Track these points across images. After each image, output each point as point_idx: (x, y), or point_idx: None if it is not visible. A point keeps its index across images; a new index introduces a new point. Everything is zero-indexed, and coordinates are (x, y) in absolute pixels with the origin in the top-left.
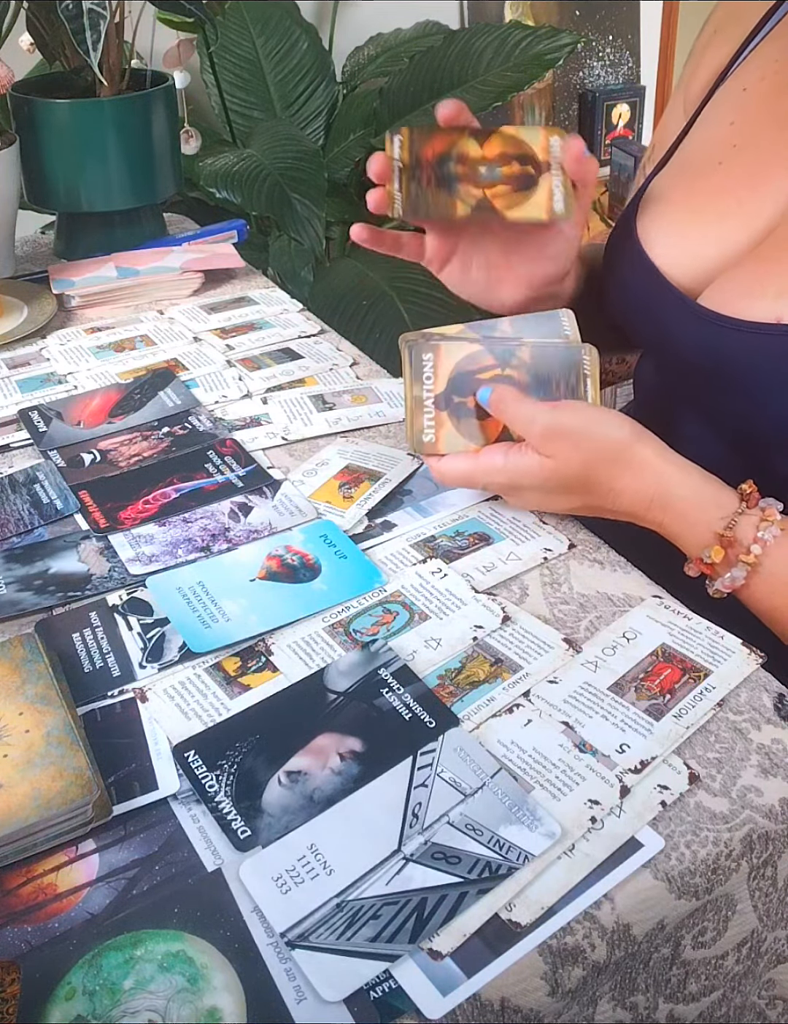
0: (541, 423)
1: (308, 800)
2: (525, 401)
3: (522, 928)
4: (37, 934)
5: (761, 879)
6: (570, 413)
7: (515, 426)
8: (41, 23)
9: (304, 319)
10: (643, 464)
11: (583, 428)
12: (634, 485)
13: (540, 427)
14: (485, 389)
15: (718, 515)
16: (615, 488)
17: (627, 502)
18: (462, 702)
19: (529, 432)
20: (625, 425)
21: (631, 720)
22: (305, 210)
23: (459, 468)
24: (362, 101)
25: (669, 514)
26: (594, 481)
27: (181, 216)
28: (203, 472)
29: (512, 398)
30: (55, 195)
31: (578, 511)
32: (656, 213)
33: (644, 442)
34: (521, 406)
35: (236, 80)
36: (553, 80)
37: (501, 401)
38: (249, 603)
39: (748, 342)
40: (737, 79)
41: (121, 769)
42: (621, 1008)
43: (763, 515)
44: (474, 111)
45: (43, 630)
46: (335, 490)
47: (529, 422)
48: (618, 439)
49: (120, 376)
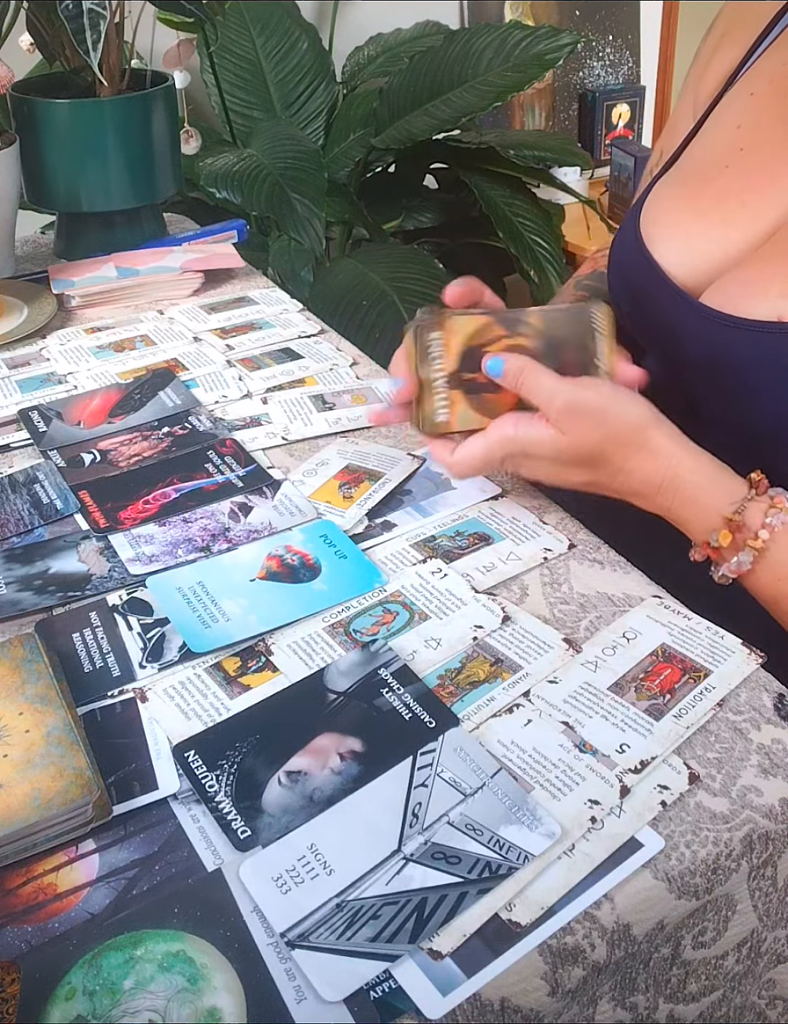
0: (562, 398)
1: (308, 800)
2: (545, 374)
3: (522, 928)
4: (37, 934)
5: (761, 879)
6: (592, 391)
7: (534, 399)
8: (41, 23)
9: (304, 319)
10: (657, 447)
11: (604, 407)
12: (646, 467)
13: (561, 402)
14: (496, 359)
15: (727, 500)
16: (625, 468)
17: (636, 482)
18: (462, 702)
19: (549, 406)
20: (643, 407)
21: (631, 720)
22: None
23: (472, 452)
24: (362, 101)
25: (678, 498)
26: (606, 459)
27: (181, 216)
28: (203, 472)
29: (530, 370)
30: (55, 195)
31: (586, 487)
32: (661, 214)
33: (660, 426)
34: (541, 379)
35: (236, 80)
36: (553, 80)
37: (520, 373)
38: (249, 603)
39: (749, 340)
40: (745, 83)
41: (121, 769)
42: (621, 1008)
43: (772, 502)
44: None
45: (43, 630)
46: (335, 490)
47: (550, 396)
48: (636, 421)
49: (120, 376)
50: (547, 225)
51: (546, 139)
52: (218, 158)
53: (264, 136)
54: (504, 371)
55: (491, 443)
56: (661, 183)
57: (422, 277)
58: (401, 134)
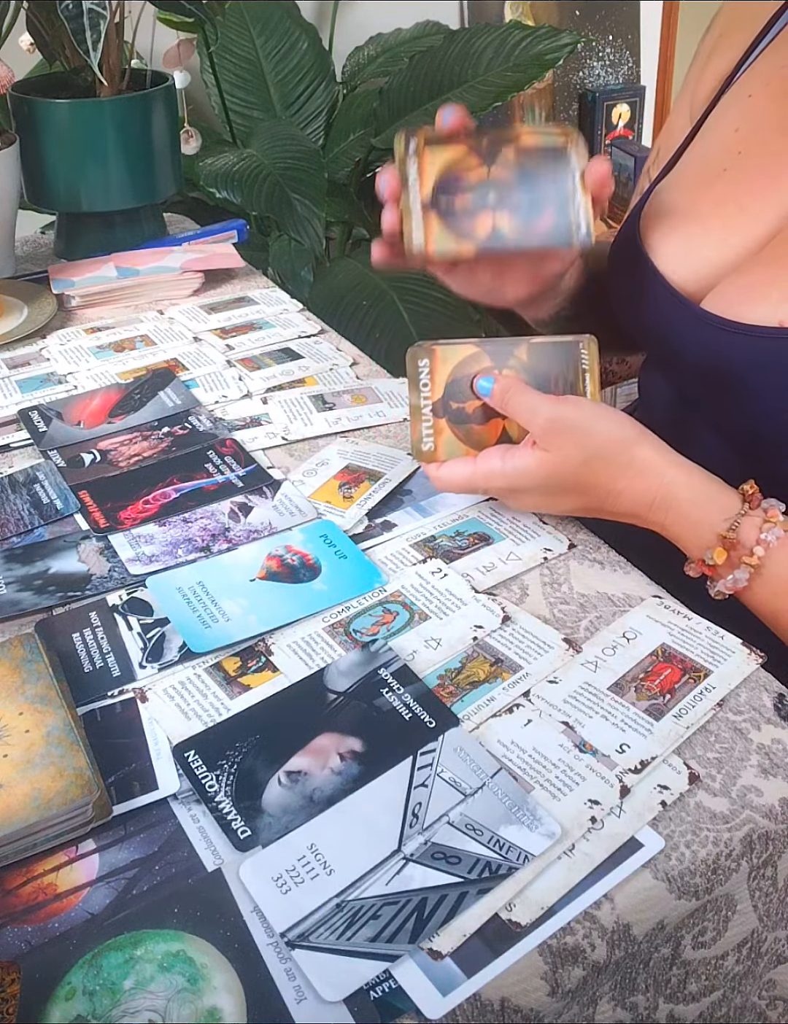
0: (544, 414)
1: (308, 800)
2: (528, 392)
3: (522, 928)
4: (37, 934)
5: (761, 879)
6: (573, 407)
7: (518, 416)
8: (41, 23)
9: (304, 319)
10: (645, 465)
11: (586, 423)
12: (635, 486)
13: (543, 418)
14: (487, 378)
15: (720, 516)
16: (614, 489)
17: (628, 503)
18: (462, 702)
19: (532, 422)
20: (627, 424)
21: (631, 720)
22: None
23: (458, 474)
24: (362, 101)
25: (671, 515)
26: (593, 482)
27: (181, 216)
28: (203, 472)
29: (516, 388)
30: (55, 195)
31: (578, 512)
32: (660, 219)
33: (645, 442)
34: (524, 396)
35: (236, 80)
36: (553, 80)
37: (505, 391)
38: (249, 603)
39: (750, 346)
40: (743, 86)
41: (121, 769)
42: (621, 1008)
43: (766, 516)
44: (474, 111)
45: (43, 630)
46: (335, 490)
47: (532, 412)
48: (620, 438)
49: (120, 376)
50: None
51: None
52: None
53: (264, 136)
54: (492, 391)
55: (477, 473)
56: (659, 187)
57: (422, 277)
58: None
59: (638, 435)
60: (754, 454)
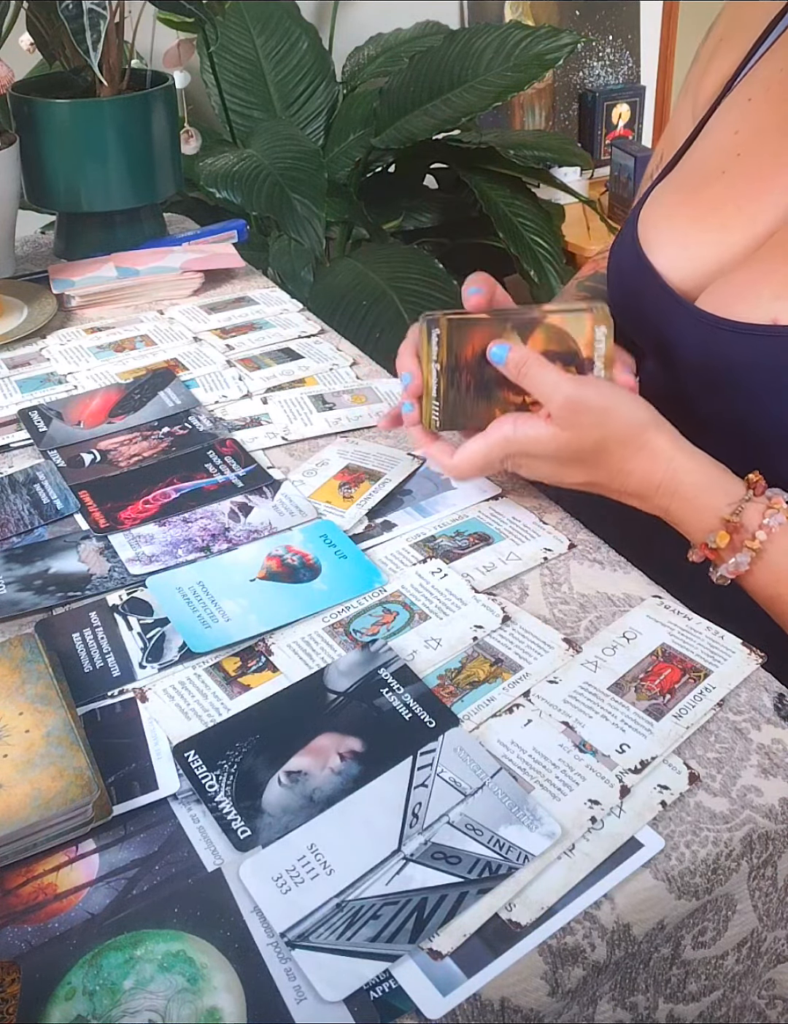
0: (565, 393)
1: (308, 800)
2: (547, 366)
3: (522, 928)
4: (37, 934)
5: (761, 879)
6: (594, 390)
7: (535, 390)
8: (41, 23)
9: (304, 319)
10: (656, 449)
11: (606, 407)
12: (644, 468)
13: (563, 397)
14: (502, 346)
15: (725, 501)
16: (625, 469)
17: (635, 483)
18: (462, 702)
19: (551, 399)
20: (642, 408)
21: (631, 720)
22: (305, 210)
23: (472, 454)
24: (362, 101)
25: (676, 499)
26: (606, 459)
27: (181, 216)
28: (203, 472)
29: (534, 361)
30: (55, 195)
31: (585, 487)
32: (658, 219)
33: (660, 427)
34: (543, 371)
35: (236, 80)
36: (553, 80)
37: (524, 363)
38: (249, 603)
39: (744, 343)
40: (743, 89)
41: (121, 769)
42: (621, 1008)
43: (770, 503)
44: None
45: (43, 630)
46: (335, 490)
47: (553, 389)
48: (638, 421)
49: (120, 376)
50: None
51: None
52: (218, 158)
53: (264, 136)
54: (507, 359)
55: (491, 444)
56: (659, 188)
57: (422, 277)
58: (401, 134)
59: (654, 420)
60: (750, 450)
